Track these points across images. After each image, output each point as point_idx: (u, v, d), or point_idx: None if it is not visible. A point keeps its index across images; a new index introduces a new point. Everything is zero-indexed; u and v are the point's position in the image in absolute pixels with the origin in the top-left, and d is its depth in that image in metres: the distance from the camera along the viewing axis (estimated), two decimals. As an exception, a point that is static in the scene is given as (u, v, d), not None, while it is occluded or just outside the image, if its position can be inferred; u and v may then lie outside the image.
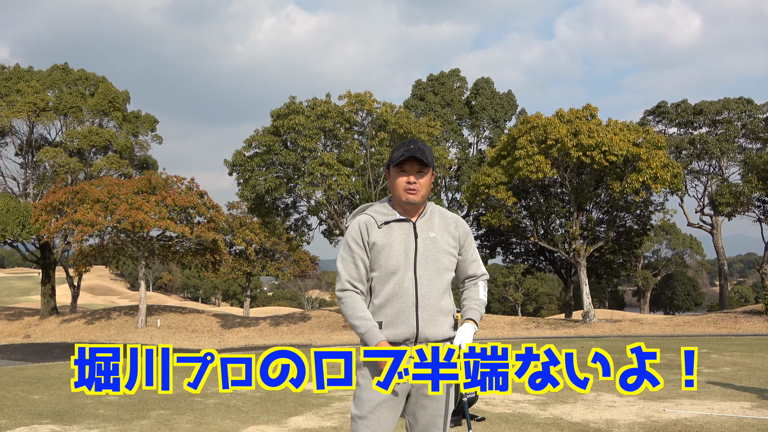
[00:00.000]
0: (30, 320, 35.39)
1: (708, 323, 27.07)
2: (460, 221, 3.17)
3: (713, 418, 6.49)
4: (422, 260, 2.98)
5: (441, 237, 3.05)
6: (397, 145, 3.06)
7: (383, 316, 2.94)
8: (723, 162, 38.11)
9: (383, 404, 2.92)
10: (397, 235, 3.01)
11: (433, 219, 3.08)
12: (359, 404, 2.95)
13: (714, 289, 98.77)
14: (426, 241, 3.01)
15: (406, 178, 3.00)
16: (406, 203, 3.02)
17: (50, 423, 7.30)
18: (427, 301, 2.96)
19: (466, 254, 3.14)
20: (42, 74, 38.30)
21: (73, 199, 28.63)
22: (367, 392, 2.93)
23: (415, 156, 2.96)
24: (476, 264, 3.18)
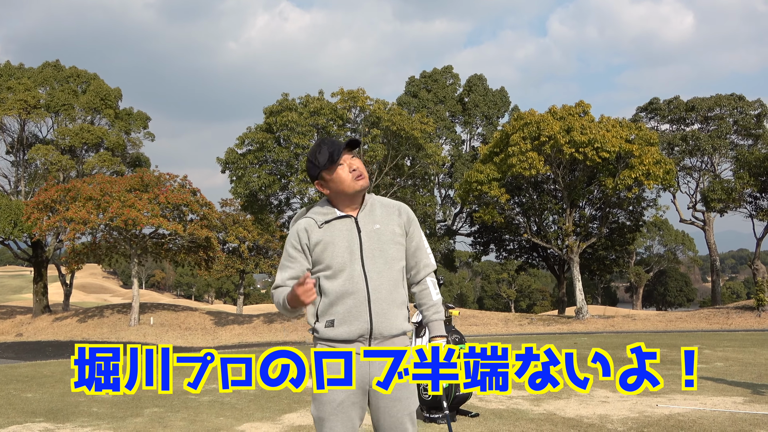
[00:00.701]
0: (22, 318, 35.25)
1: (700, 319, 27.21)
2: (404, 207, 3.08)
3: (706, 413, 6.52)
4: (369, 254, 2.88)
5: (385, 227, 2.96)
6: (311, 154, 2.96)
7: (335, 314, 2.85)
8: (715, 158, 38.29)
9: (345, 402, 2.84)
10: (339, 232, 2.91)
11: (374, 210, 2.99)
12: (319, 406, 2.87)
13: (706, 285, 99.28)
14: (370, 233, 2.92)
15: (347, 167, 2.91)
16: (358, 192, 2.92)
17: (43, 421, 7.28)
18: (379, 294, 2.86)
19: (410, 242, 3.05)
20: (33, 71, 38.11)
21: (65, 196, 28.51)
22: (328, 393, 2.85)
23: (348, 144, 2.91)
24: (420, 252, 3.07)
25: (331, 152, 2.88)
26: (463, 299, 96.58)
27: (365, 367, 2.85)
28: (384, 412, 2.87)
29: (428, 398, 6.54)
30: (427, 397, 6.54)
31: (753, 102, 37.93)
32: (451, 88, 41.27)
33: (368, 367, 2.85)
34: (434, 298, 3.05)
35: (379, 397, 2.87)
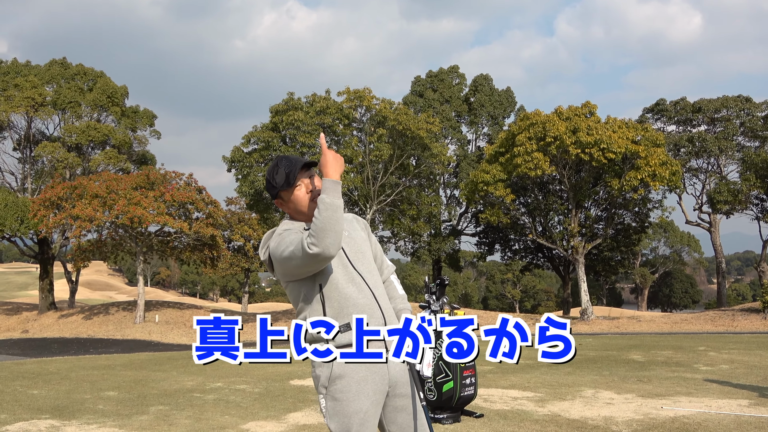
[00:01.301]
0: (28, 315, 35.38)
1: (705, 321, 27.12)
2: (358, 218, 3.13)
3: (711, 416, 6.51)
4: (354, 257, 2.89)
5: (354, 233, 2.98)
6: (269, 173, 2.91)
7: (349, 317, 2.75)
8: (721, 160, 38.18)
9: (370, 411, 2.75)
10: None
11: None
12: (344, 420, 2.72)
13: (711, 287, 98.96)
14: (346, 239, 2.90)
15: (304, 188, 2.88)
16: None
17: (49, 418, 7.31)
18: (379, 291, 2.90)
19: (374, 246, 3.08)
20: (40, 69, 38.25)
21: (71, 194, 28.60)
22: (354, 403, 2.72)
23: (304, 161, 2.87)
24: (381, 254, 3.13)
25: (287, 173, 2.85)
26: (467, 299, 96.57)
27: (384, 368, 2.79)
28: (404, 413, 2.85)
29: (434, 398, 6.55)
30: (433, 397, 6.54)
31: (760, 104, 37.78)
32: (457, 87, 41.24)
33: (387, 368, 2.80)
34: (400, 291, 3.11)
35: (395, 397, 2.84)
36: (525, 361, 12.26)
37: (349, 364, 2.74)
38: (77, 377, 11.57)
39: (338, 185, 2.66)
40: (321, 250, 2.60)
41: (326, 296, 2.80)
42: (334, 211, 2.61)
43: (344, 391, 2.73)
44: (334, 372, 2.75)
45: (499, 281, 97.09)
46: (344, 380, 2.74)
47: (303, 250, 2.63)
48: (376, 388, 2.77)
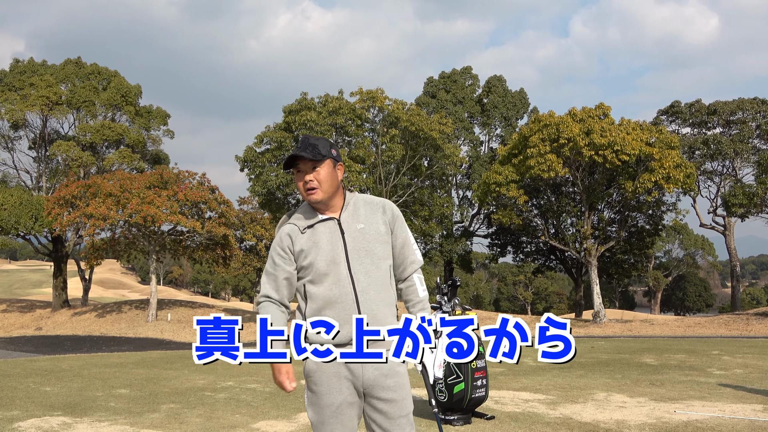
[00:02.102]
0: (42, 312, 35.64)
1: (719, 325, 26.91)
2: (388, 204, 3.02)
3: (725, 420, 6.44)
4: (354, 255, 2.84)
5: (370, 226, 2.91)
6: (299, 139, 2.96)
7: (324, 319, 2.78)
8: (737, 163, 37.86)
9: (342, 405, 2.82)
10: (322, 235, 2.87)
11: (358, 210, 2.94)
12: (317, 410, 2.85)
13: (725, 291, 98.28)
14: (354, 234, 2.88)
15: (303, 179, 2.88)
16: (316, 203, 2.89)
17: (61, 415, 7.35)
18: (367, 296, 2.82)
19: (396, 239, 2.99)
20: (55, 68, 38.54)
21: (85, 192, 28.78)
22: (326, 397, 2.82)
23: (299, 155, 2.84)
24: (407, 249, 3.02)
25: (289, 158, 2.88)
26: (479, 301, 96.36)
27: (359, 368, 2.81)
28: (380, 413, 2.83)
29: (445, 400, 6.52)
30: (444, 398, 6.52)
31: (776, 106, 37.45)
32: (470, 89, 41.17)
33: (362, 369, 2.80)
34: (420, 295, 3.01)
35: (375, 399, 2.83)
36: (536, 364, 12.20)
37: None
38: (89, 375, 11.63)
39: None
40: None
41: (309, 295, 2.87)
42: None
43: (318, 383, 2.84)
44: (308, 365, 2.86)
45: (511, 283, 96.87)
46: (317, 374, 2.84)
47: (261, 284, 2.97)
48: (350, 384, 2.82)
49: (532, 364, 12.14)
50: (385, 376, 2.82)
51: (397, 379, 2.84)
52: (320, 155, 2.86)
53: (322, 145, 2.89)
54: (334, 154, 2.92)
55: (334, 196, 2.92)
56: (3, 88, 36.86)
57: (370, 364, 2.79)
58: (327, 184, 2.88)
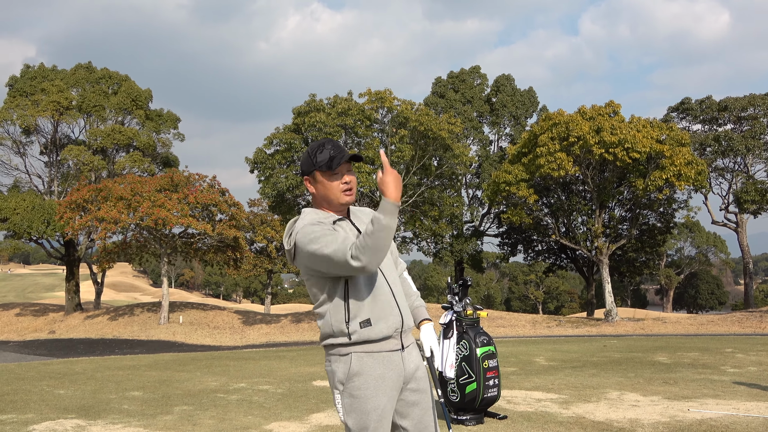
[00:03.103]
0: (55, 316, 35.86)
1: (732, 322, 26.73)
2: None
3: (739, 419, 6.40)
4: None
5: None
6: (313, 149, 2.87)
7: (370, 312, 2.78)
8: (748, 159, 37.58)
9: (386, 407, 2.80)
10: (346, 232, 2.83)
11: (356, 214, 3.00)
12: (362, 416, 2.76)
13: (738, 288, 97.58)
14: None
15: (341, 180, 2.84)
16: (343, 206, 2.88)
17: (75, 417, 7.39)
18: (397, 288, 2.91)
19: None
20: (66, 73, 38.78)
21: (96, 196, 28.95)
22: (372, 400, 2.76)
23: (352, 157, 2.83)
24: (395, 252, 3.14)
25: (332, 156, 2.82)
26: (490, 300, 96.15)
27: (401, 361, 2.85)
28: (414, 405, 2.87)
29: (457, 400, 6.52)
30: (456, 398, 6.51)
31: (788, 102, 37.15)
32: (479, 88, 41.11)
33: (403, 364, 2.86)
34: (414, 289, 3.17)
35: (410, 392, 2.87)
36: (549, 363, 12.16)
37: (366, 360, 2.77)
38: (103, 377, 11.70)
39: (396, 207, 2.60)
40: (365, 265, 2.60)
41: (351, 293, 2.80)
42: (389, 233, 2.59)
43: (362, 388, 2.76)
44: (353, 369, 2.78)
45: (522, 282, 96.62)
46: (362, 377, 2.77)
47: (345, 259, 2.62)
48: (392, 384, 2.81)
49: (544, 364, 12.11)
50: (416, 368, 2.92)
51: (422, 371, 2.95)
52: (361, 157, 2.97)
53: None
54: None
55: None
56: (14, 93, 37.13)
57: (407, 356, 2.88)
58: (356, 189, 2.93)
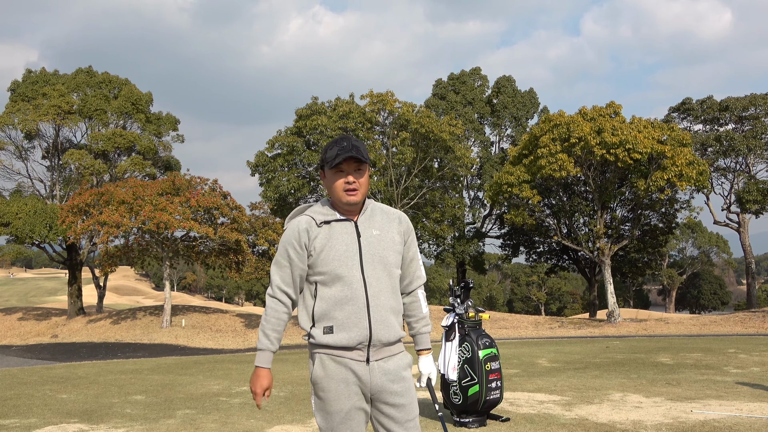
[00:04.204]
0: (57, 320, 35.88)
1: (735, 322, 26.70)
2: (403, 217, 3.03)
3: (742, 419, 6.39)
4: (368, 259, 2.84)
5: (385, 234, 2.92)
6: (328, 144, 2.89)
7: (333, 320, 2.80)
8: (750, 159, 37.55)
9: (351, 411, 2.82)
10: (338, 235, 2.85)
11: (374, 216, 2.94)
12: (326, 416, 2.84)
13: (741, 288, 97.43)
14: (370, 239, 2.87)
15: (345, 178, 2.84)
16: (346, 204, 2.86)
17: (78, 422, 7.39)
18: (377, 301, 2.82)
19: (407, 251, 3.00)
20: (67, 77, 38.85)
21: (98, 200, 28.97)
22: (334, 403, 2.81)
23: (352, 155, 2.80)
24: (415, 263, 3.03)
25: (337, 154, 2.82)
26: (492, 302, 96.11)
27: (367, 374, 2.82)
28: (388, 418, 2.84)
29: (458, 402, 6.51)
30: (458, 401, 6.51)
31: (789, 101, 37.13)
32: (479, 89, 41.13)
33: (369, 375, 2.82)
34: (424, 311, 3.03)
35: (382, 404, 2.84)
36: (551, 365, 12.15)
37: (329, 364, 2.82)
38: (105, 381, 11.70)
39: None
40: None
41: (319, 295, 2.85)
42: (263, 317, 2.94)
43: (326, 390, 2.83)
44: (317, 371, 2.85)
45: (524, 284, 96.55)
46: (326, 380, 2.82)
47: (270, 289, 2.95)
48: (357, 390, 2.82)
49: (546, 365, 12.09)
50: (392, 382, 2.84)
51: (403, 384, 2.86)
52: (366, 159, 2.86)
53: (364, 149, 2.90)
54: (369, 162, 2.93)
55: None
56: (16, 98, 37.20)
57: (378, 369, 2.82)
58: (365, 188, 2.90)
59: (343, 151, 2.80)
